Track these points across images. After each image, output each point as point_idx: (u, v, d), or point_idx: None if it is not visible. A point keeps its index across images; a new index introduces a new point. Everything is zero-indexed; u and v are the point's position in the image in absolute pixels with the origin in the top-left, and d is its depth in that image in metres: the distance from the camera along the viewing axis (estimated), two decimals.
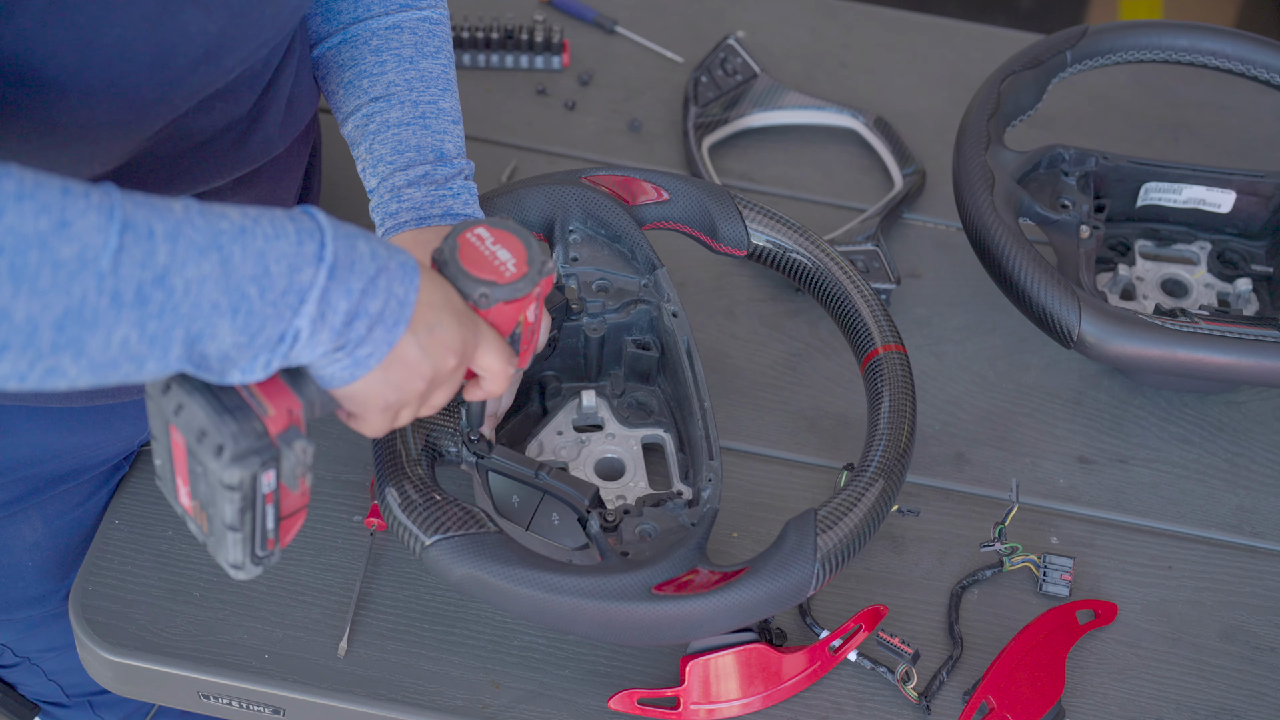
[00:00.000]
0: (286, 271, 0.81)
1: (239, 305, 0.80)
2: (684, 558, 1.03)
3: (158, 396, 0.86)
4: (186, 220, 0.78)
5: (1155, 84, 1.69)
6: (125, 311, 0.76)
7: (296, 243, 0.82)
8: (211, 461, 0.85)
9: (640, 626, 1.01)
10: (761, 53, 1.67)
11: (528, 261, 0.95)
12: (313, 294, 0.82)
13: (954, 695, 1.15)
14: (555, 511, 1.12)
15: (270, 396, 0.86)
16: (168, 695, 1.14)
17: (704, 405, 1.14)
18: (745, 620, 1.03)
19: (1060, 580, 1.21)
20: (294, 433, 0.87)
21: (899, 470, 1.09)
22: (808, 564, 1.02)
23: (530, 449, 1.20)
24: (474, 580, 1.01)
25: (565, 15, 1.69)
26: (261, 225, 0.81)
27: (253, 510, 0.88)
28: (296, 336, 0.83)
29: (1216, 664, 1.19)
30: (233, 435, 0.84)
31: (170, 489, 0.91)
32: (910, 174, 1.53)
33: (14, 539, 1.18)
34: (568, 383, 1.24)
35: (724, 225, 1.22)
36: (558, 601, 1.00)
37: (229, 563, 0.91)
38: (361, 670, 1.12)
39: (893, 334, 1.17)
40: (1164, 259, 1.44)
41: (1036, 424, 1.34)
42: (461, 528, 1.02)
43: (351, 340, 0.85)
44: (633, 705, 1.11)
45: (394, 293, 0.86)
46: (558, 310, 1.18)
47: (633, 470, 1.19)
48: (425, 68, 1.14)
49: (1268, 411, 1.37)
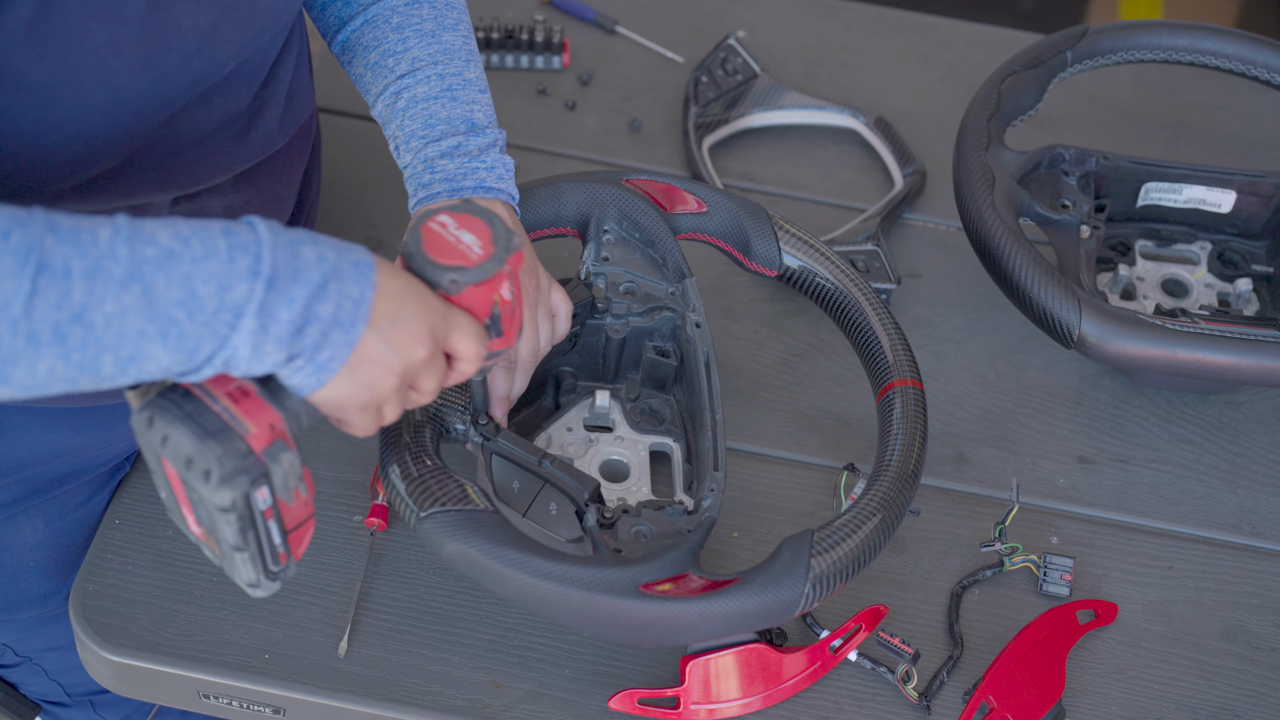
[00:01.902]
0: (216, 291, 0.81)
1: (168, 330, 0.81)
2: (676, 560, 1.03)
3: (144, 431, 0.87)
4: (109, 253, 0.79)
5: (1155, 84, 1.69)
6: (44, 349, 0.78)
7: (228, 260, 0.82)
8: (201, 487, 0.85)
9: (623, 622, 1.01)
10: (761, 53, 1.67)
11: (493, 241, 0.93)
12: (249, 308, 0.82)
13: (954, 695, 1.15)
14: (554, 501, 1.12)
15: (250, 414, 0.86)
16: (168, 695, 1.15)
17: (716, 417, 1.14)
18: (730, 631, 1.03)
19: (1060, 580, 1.21)
20: (279, 447, 0.87)
21: (900, 504, 1.08)
22: (798, 583, 1.02)
23: (538, 442, 1.21)
24: (464, 556, 1.01)
25: (565, 15, 1.69)
26: (191, 247, 0.81)
27: (254, 528, 0.88)
28: (235, 352, 0.83)
29: (1216, 664, 1.19)
30: (218, 458, 0.85)
31: (180, 519, 0.92)
32: (910, 174, 1.53)
33: (16, 539, 1.18)
34: (584, 381, 1.24)
35: (758, 243, 1.22)
36: (544, 588, 1.00)
37: (245, 582, 0.92)
38: (361, 670, 1.12)
39: (911, 369, 1.16)
40: (1164, 259, 1.44)
41: (1037, 424, 1.34)
42: (457, 503, 1.02)
43: (307, 347, 0.85)
44: (633, 705, 1.11)
45: (347, 294, 0.85)
46: (582, 307, 1.19)
47: (637, 475, 1.19)
48: (448, 40, 1.14)
49: (1268, 411, 1.37)
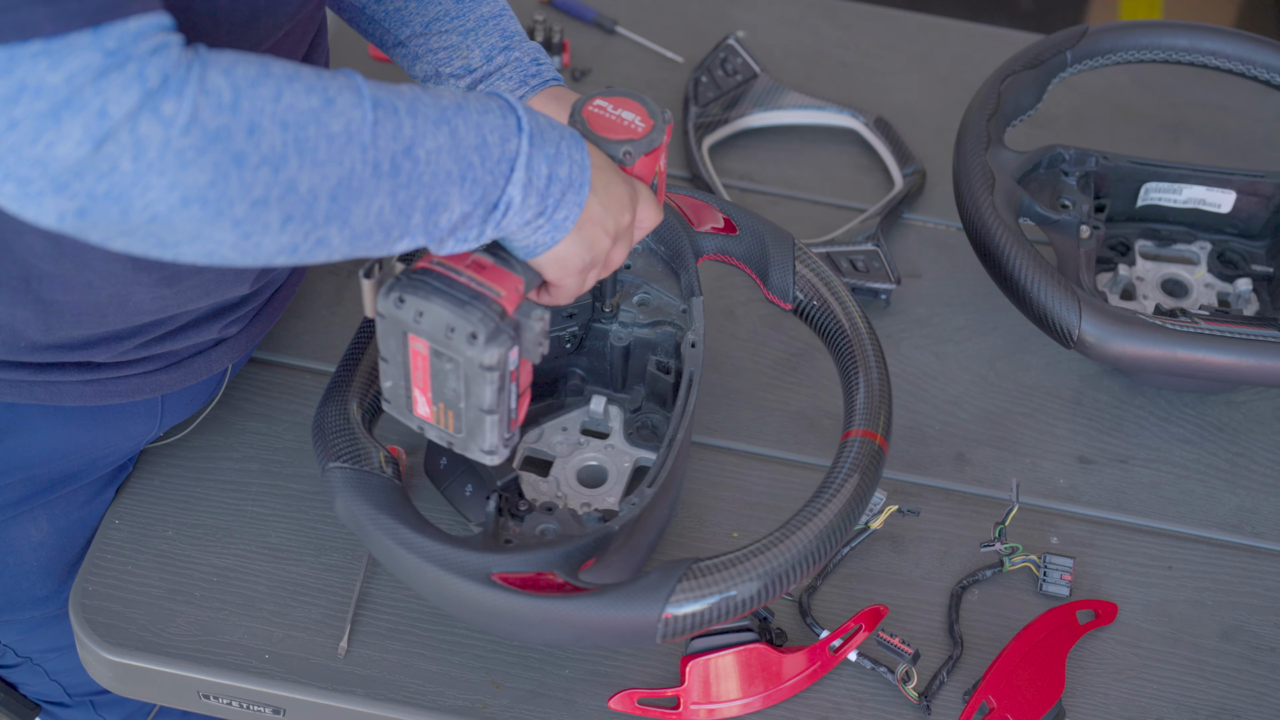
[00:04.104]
0: (499, 141, 0.88)
1: (466, 173, 0.87)
2: (540, 559, 1.00)
3: (392, 312, 0.94)
4: (418, 97, 0.85)
5: (1155, 84, 1.69)
6: (383, 181, 0.83)
7: (501, 116, 0.89)
8: (467, 349, 0.92)
9: (468, 606, 1.00)
10: (761, 53, 1.67)
11: (649, 115, 1.03)
12: (520, 160, 0.89)
13: (954, 695, 1.15)
14: (471, 483, 1.15)
15: (495, 280, 0.94)
16: (168, 695, 1.15)
17: (676, 437, 1.10)
18: (580, 640, 1.00)
19: (1060, 580, 1.21)
20: (528, 306, 0.95)
21: (802, 559, 1.01)
22: (655, 606, 0.97)
23: (529, 435, 1.21)
24: (348, 514, 1.03)
25: (565, 15, 1.69)
26: (471, 102, 0.89)
27: (505, 389, 0.96)
28: (510, 203, 0.90)
29: (1216, 664, 1.19)
30: (481, 319, 0.92)
31: (404, 406, 1.00)
32: (910, 174, 1.53)
33: (20, 538, 1.18)
34: (592, 385, 1.24)
35: (775, 273, 1.20)
36: (403, 557, 1.00)
37: (484, 449, 0.99)
38: (361, 670, 1.12)
39: (877, 424, 1.10)
40: (1164, 259, 1.44)
41: (1036, 424, 1.34)
42: (359, 463, 1.04)
43: (550, 205, 0.92)
44: (633, 705, 1.11)
45: (574, 158, 0.93)
46: (584, 309, 1.19)
47: (611, 484, 1.19)
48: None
49: (1268, 411, 1.37)
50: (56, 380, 1.07)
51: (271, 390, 1.29)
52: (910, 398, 1.34)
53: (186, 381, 1.14)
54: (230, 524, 1.20)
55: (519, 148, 0.89)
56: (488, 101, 0.90)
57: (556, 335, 1.20)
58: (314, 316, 1.35)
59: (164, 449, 1.24)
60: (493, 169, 0.88)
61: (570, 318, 1.19)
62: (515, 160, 0.89)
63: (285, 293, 1.23)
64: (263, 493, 1.22)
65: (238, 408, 1.27)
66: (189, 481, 1.22)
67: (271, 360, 1.31)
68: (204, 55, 0.77)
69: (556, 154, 0.91)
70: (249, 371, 1.30)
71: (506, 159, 0.89)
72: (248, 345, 1.19)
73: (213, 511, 1.20)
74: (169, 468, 1.23)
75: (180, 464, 1.23)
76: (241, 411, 1.27)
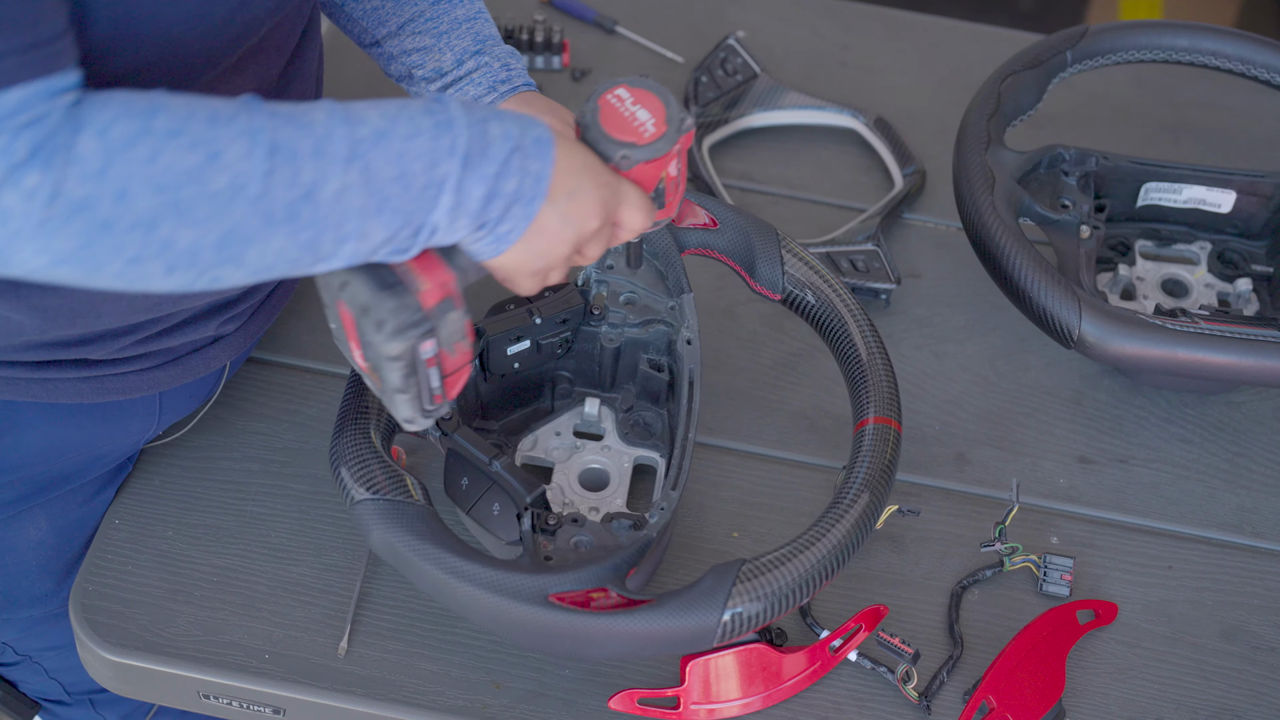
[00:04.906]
0: (424, 169, 0.86)
1: (383, 205, 0.85)
2: (593, 574, 1.01)
3: (325, 273, 0.92)
4: (329, 133, 0.83)
5: (1155, 84, 1.69)
6: (278, 228, 0.82)
7: (432, 138, 0.87)
8: (373, 335, 0.91)
9: (528, 629, 1.00)
10: (761, 53, 1.67)
11: (666, 120, 0.97)
12: (449, 185, 0.87)
13: (954, 695, 1.15)
14: (498, 502, 1.13)
15: (425, 271, 0.91)
16: (168, 695, 1.15)
17: (687, 437, 1.12)
18: (642, 652, 1.01)
19: (1060, 580, 1.21)
20: (448, 305, 0.92)
21: (846, 545, 1.04)
22: (714, 611, 0.99)
23: (524, 443, 1.21)
24: (388, 546, 1.02)
25: (565, 15, 1.69)
26: (399, 125, 0.86)
27: (415, 375, 0.94)
28: (435, 227, 0.88)
29: (1216, 664, 1.19)
30: (391, 310, 0.90)
31: (345, 349, 0.98)
32: (910, 174, 1.53)
33: (19, 537, 1.18)
34: (581, 387, 1.24)
35: (762, 265, 1.20)
36: (455, 586, 1.00)
37: (401, 418, 0.98)
38: (361, 670, 1.12)
39: (890, 408, 1.12)
40: (1164, 259, 1.44)
41: (1036, 424, 1.34)
42: (390, 493, 1.03)
43: (490, 220, 0.90)
44: (633, 705, 1.11)
45: (528, 170, 0.90)
46: (574, 313, 1.18)
47: (615, 486, 1.19)
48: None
49: (1268, 411, 1.37)
50: (53, 378, 1.07)
51: (271, 390, 1.29)
52: (910, 398, 1.34)
53: (184, 379, 1.14)
54: (230, 524, 1.20)
55: (447, 172, 0.87)
56: (422, 122, 0.87)
57: (549, 341, 1.19)
58: (313, 316, 1.34)
59: (163, 448, 1.24)
60: (415, 197, 0.86)
61: (563, 323, 1.19)
62: (443, 185, 0.87)
63: (284, 290, 1.23)
64: (263, 493, 1.22)
65: (237, 407, 1.27)
66: (189, 481, 1.22)
67: (271, 360, 1.31)
68: (83, 115, 0.77)
69: (501, 170, 0.88)
70: (249, 371, 1.30)
71: (433, 185, 0.86)
72: (246, 343, 1.19)
73: (213, 511, 1.20)
74: (169, 467, 1.23)
75: (180, 464, 1.23)
76: (241, 411, 1.27)
